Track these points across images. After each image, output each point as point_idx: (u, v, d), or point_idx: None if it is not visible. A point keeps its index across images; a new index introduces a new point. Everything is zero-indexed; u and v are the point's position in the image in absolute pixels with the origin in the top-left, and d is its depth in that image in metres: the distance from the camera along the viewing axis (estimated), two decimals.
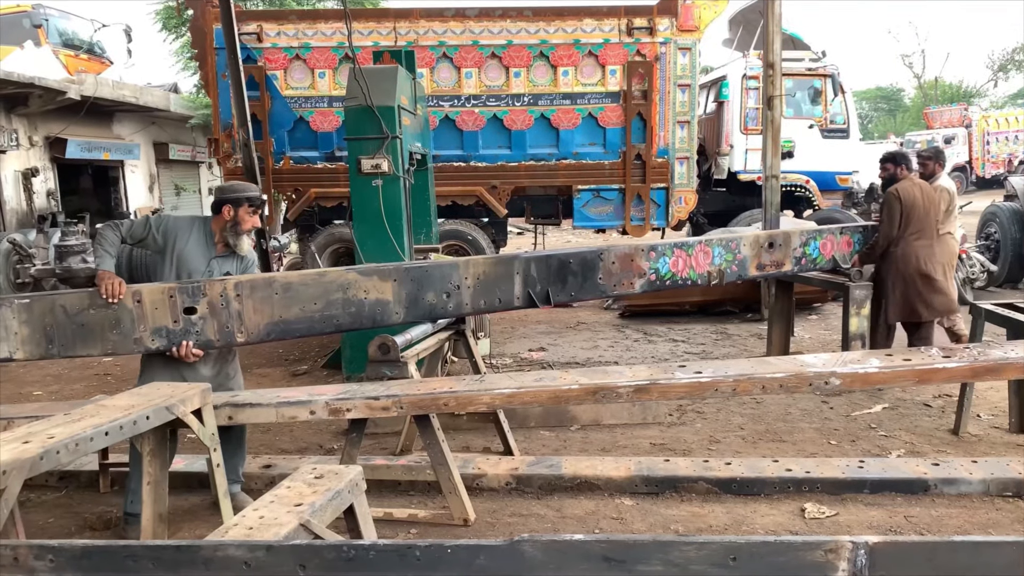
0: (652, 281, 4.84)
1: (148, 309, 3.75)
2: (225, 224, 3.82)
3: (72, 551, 1.59)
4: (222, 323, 3.85)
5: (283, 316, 3.97)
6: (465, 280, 4.29)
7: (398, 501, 4.01)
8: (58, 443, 2.55)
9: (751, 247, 5.27)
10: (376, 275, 4.12)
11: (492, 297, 4.38)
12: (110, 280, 3.65)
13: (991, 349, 3.69)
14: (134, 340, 3.76)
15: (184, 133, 17.72)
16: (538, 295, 4.45)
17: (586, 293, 4.72)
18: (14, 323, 3.66)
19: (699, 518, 3.69)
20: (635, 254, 4.77)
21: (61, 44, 15.72)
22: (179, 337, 3.78)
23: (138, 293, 3.74)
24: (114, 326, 3.73)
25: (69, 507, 4.11)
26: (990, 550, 1.42)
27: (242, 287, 3.88)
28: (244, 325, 3.90)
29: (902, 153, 6.00)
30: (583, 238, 15.76)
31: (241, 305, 3.88)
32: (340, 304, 4.06)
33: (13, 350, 3.69)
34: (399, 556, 1.50)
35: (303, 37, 8.53)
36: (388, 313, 4.14)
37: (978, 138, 26.57)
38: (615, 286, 4.73)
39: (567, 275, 4.53)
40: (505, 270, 4.39)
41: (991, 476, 3.83)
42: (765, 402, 5.41)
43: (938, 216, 5.61)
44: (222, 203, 3.80)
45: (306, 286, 4.02)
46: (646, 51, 8.53)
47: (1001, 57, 42.37)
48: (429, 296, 4.21)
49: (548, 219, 10.15)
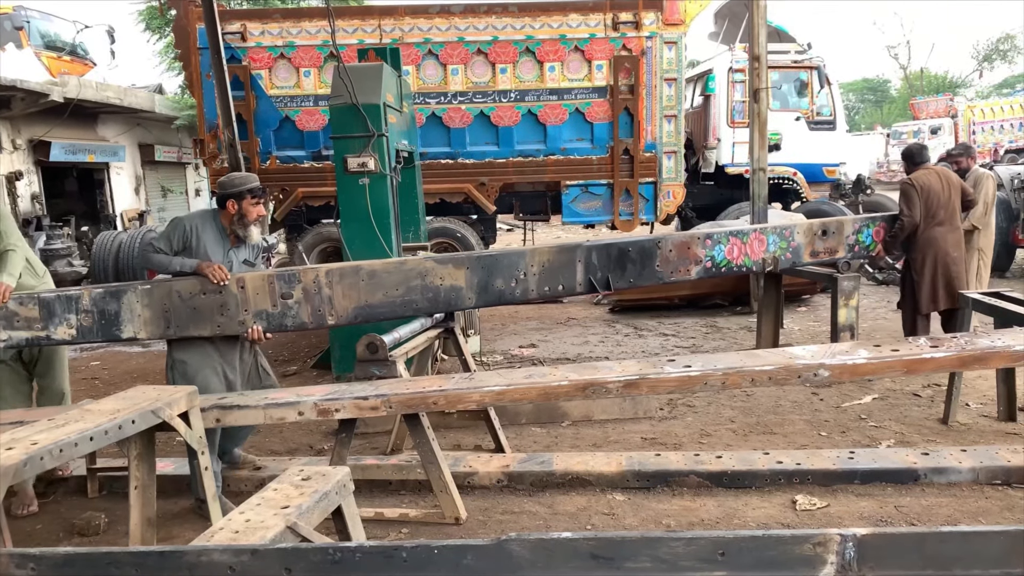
0: (708, 268, 5.07)
1: (251, 294, 4.12)
2: (232, 218, 3.97)
3: (54, 559, 1.56)
4: (315, 307, 4.24)
5: (368, 301, 4.31)
6: (531, 267, 4.54)
7: (389, 501, 4.00)
8: (42, 449, 2.52)
9: (805, 235, 5.45)
10: (451, 263, 4.44)
11: (555, 283, 4.61)
12: (213, 268, 3.93)
13: (978, 338, 3.70)
14: (239, 322, 4.09)
15: (170, 134, 17.61)
16: (599, 281, 4.67)
17: (644, 279, 4.90)
18: (138, 307, 4.04)
19: (691, 512, 3.69)
20: (692, 242, 5.00)
21: (43, 46, 15.56)
22: (278, 320, 4.16)
23: (242, 280, 4.09)
24: (221, 309, 4.06)
25: (57, 513, 4.07)
26: (978, 540, 1.41)
27: (332, 274, 4.25)
28: (334, 308, 4.27)
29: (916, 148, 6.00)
30: (572, 234, 15.75)
31: (332, 291, 4.25)
32: (419, 290, 4.36)
33: (137, 330, 4.06)
34: (385, 557, 1.48)
35: (287, 36, 8.48)
36: (461, 298, 4.44)
37: (964, 128, 26.68)
38: (672, 273, 4.94)
39: (626, 262, 4.76)
40: (568, 258, 4.61)
41: (980, 465, 3.84)
42: (755, 395, 5.42)
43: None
44: (225, 198, 3.94)
45: (388, 273, 4.34)
46: (632, 45, 8.52)
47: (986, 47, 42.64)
48: (498, 282, 4.48)
49: (537, 215, 10.13)
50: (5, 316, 3.96)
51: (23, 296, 4.00)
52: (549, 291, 4.66)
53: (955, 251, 5.57)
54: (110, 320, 4.05)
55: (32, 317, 3.99)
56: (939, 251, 5.52)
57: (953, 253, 5.55)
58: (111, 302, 4.04)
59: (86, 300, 4.03)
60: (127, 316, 4.05)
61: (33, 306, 4.00)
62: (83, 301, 4.02)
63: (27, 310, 3.99)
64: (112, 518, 3.87)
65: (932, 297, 5.55)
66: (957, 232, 5.63)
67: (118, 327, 4.06)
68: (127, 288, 4.04)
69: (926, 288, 5.56)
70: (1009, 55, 42.49)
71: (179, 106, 16.40)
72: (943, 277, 5.51)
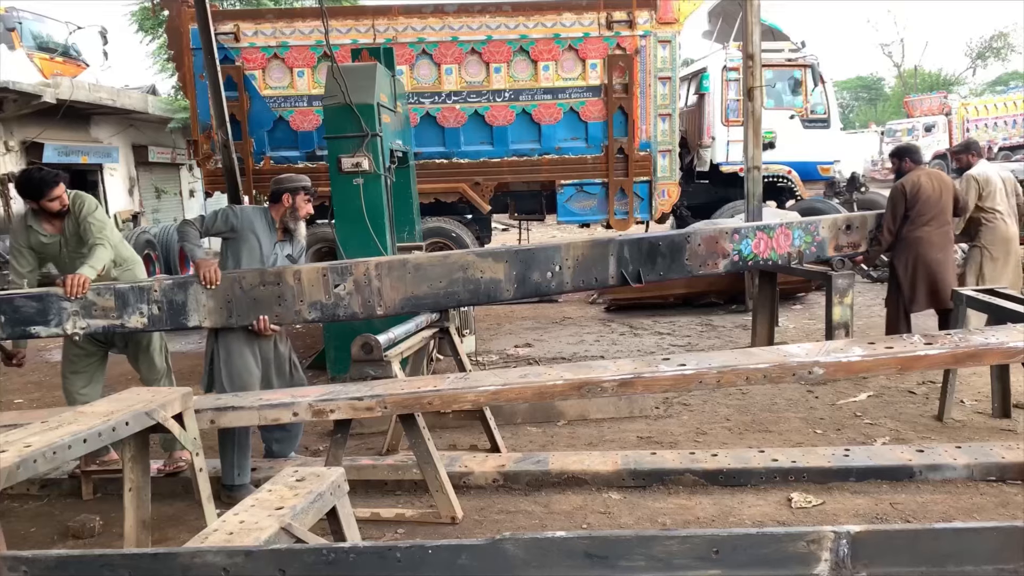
0: (735, 262, 5.20)
1: (306, 286, 4.32)
2: (284, 211, 4.21)
3: (46, 562, 1.56)
4: (365, 298, 4.41)
5: (414, 292, 4.48)
6: (566, 261, 4.70)
7: (385, 501, 3.99)
8: (35, 452, 2.51)
9: (829, 229, 5.59)
10: (491, 257, 4.61)
11: (589, 276, 4.78)
12: (207, 267, 4.12)
13: (972, 335, 3.71)
14: (295, 312, 4.33)
15: (163, 135, 17.56)
16: (630, 274, 4.81)
17: (674, 273, 5.05)
18: (203, 297, 4.20)
19: (686, 510, 3.69)
20: (720, 236, 5.12)
21: (36, 47, 15.50)
22: (331, 311, 4.36)
23: (298, 272, 4.31)
24: (279, 300, 4.28)
25: (51, 516, 4.05)
26: (971, 536, 1.42)
27: (382, 267, 4.44)
28: (383, 300, 4.44)
29: (906, 147, 6.05)
30: (567, 233, 15.75)
31: (381, 283, 4.43)
32: (461, 282, 4.53)
33: (202, 319, 4.22)
34: (380, 558, 1.48)
35: (281, 36, 8.47)
36: (500, 290, 4.60)
37: (958, 125, 26.79)
38: (700, 266, 5.09)
39: (656, 256, 4.90)
40: (601, 251, 4.76)
41: (975, 461, 3.85)
42: (751, 393, 5.43)
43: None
44: (282, 192, 4.18)
45: (433, 266, 4.52)
46: (626, 44, 8.52)
47: (979, 45, 42.81)
48: (535, 275, 4.64)
49: (532, 215, 10.13)
50: (84, 305, 4.14)
51: (101, 287, 4.17)
52: (583, 284, 4.82)
53: (940, 252, 5.53)
54: (177, 309, 4.23)
55: (108, 307, 4.18)
56: (922, 252, 5.49)
57: (938, 255, 5.51)
58: (179, 293, 4.22)
59: (156, 291, 4.21)
60: (193, 306, 4.22)
61: (109, 296, 4.18)
62: (154, 292, 4.21)
63: (104, 300, 4.17)
64: (107, 521, 3.86)
65: (913, 297, 5.56)
66: (945, 233, 5.60)
67: (185, 316, 4.23)
68: (193, 280, 4.20)
69: (907, 288, 5.56)
70: (1003, 52, 42.70)
71: (173, 107, 16.36)
72: (926, 278, 5.49)
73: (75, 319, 4.14)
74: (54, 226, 4.21)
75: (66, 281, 4.04)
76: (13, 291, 4.15)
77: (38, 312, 4.10)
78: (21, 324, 4.11)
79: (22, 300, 4.09)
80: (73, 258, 4.23)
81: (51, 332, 4.15)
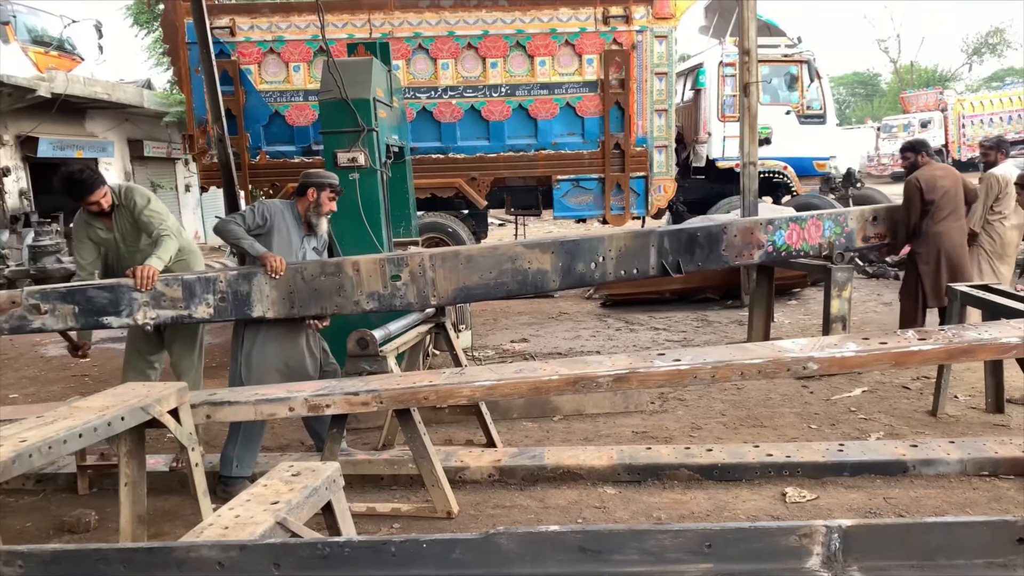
0: (769, 252, 5.33)
1: (364, 276, 4.45)
2: (309, 205, 4.26)
3: (42, 556, 1.56)
4: (420, 288, 4.52)
5: (466, 283, 4.60)
6: (609, 252, 4.81)
7: (381, 495, 4.00)
8: (30, 446, 2.51)
9: (857, 220, 5.71)
10: (538, 248, 4.72)
11: (631, 267, 4.90)
12: (274, 259, 4.18)
13: (966, 331, 3.72)
14: (354, 302, 4.44)
15: (159, 130, 17.51)
16: (670, 265, 4.95)
17: (711, 263, 5.22)
18: (267, 288, 4.27)
19: (681, 505, 3.70)
20: (755, 227, 5.26)
21: (30, 41, 15.43)
22: (388, 300, 4.46)
23: (357, 263, 4.44)
24: (339, 291, 4.40)
25: (47, 510, 4.05)
26: (963, 530, 1.43)
27: (436, 258, 4.55)
28: (436, 290, 4.55)
29: (920, 141, 6.11)
30: (564, 228, 15.74)
31: (435, 273, 4.54)
32: (510, 273, 4.64)
33: (266, 309, 4.28)
34: (374, 552, 1.48)
35: (277, 30, 8.45)
36: (547, 281, 4.72)
37: (954, 121, 26.82)
38: (736, 257, 5.25)
39: (695, 247, 5.04)
40: (642, 243, 4.91)
41: (968, 456, 3.87)
42: (746, 388, 5.44)
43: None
44: (308, 186, 4.24)
45: (484, 257, 4.65)
46: (622, 40, 8.52)
47: (975, 41, 42.83)
48: (579, 266, 4.75)
49: (528, 210, 10.14)
50: (153, 296, 4.21)
51: (168, 278, 4.26)
52: (624, 274, 4.92)
53: (960, 246, 5.64)
54: (242, 300, 4.27)
55: (176, 297, 4.25)
56: (946, 246, 5.57)
57: (959, 249, 5.62)
58: (243, 284, 4.27)
59: (222, 282, 4.25)
60: (257, 296, 4.27)
61: (177, 287, 4.25)
62: (219, 283, 4.26)
63: (172, 291, 4.25)
64: (103, 515, 3.86)
65: (936, 292, 5.58)
66: (961, 227, 5.69)
67: (249, 306, 4.27)
68: (258, 271, 4.25)
69: (930, 283, 5.60)
70: (999, 48, 42.71)
71: (168, 102, 16.31)
72: (949, 272, 5.55)
73: (145, 309, 4.21)
74: (105, 222, 4.29)
75: (135, 273, 4.11)
76: (86, 282, 4.22)
77: (110, 303, 4.17)
78: (94, 314, 4.17)
79: (95, 291, 4.17)
80: (132, 252, 4.32)
81: (122, 322, 4.22)
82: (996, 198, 5.96)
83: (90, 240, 4.30)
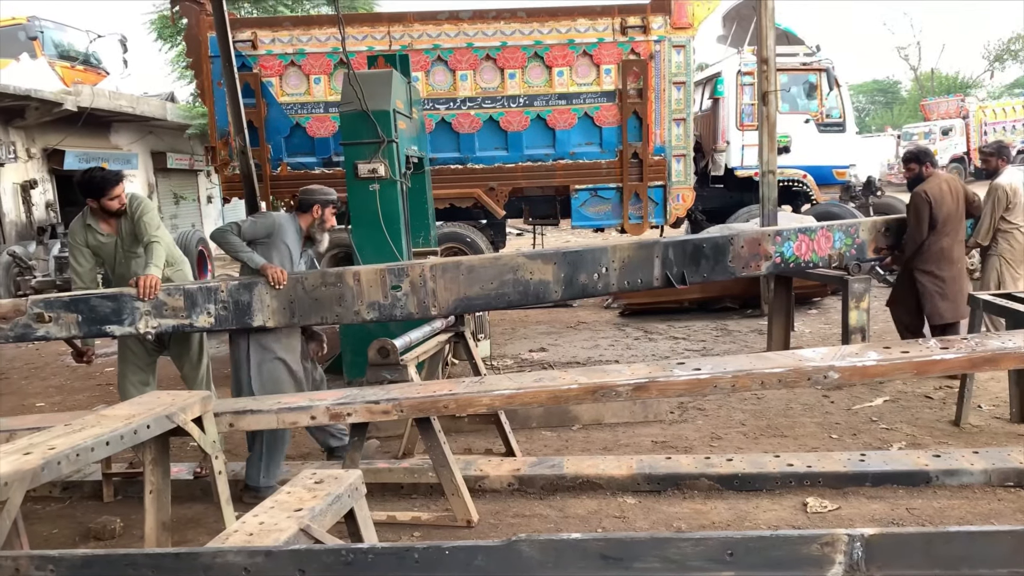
0: (777, 264, 5.25)
1: (365, 286, 4.46)
2: (313, 221, 4.36)
3: (72, 560, 1.59)
4: (420, 299, 4.51)
5: (466, 293, 4.57)
6: (612, 263, 4.77)
7: (401, 504, 4.02)
8: (59, 454, 2.55)
9: (869, 231, 5.66)
10: (540, 259, 4.69)
11: (635, 278, 4.85)
12: (275, 270, 4.22)
13: (989, 339, 3.69)
14: (354, 312, 4.46)
15: (181, 142, 17.74)
16: (675, 276, 4.89)
17: (717, 274, 5.12)
18: (267, 297, 4.29)
19: (701, 515, 3.69)
20: (762, 238, 5.20)
21: (57, 56, 15.73)
22: (388, 311, 4.48)
23: (357, 274, 4.46)
24: (339, 300, 4.42)
25: (73, 517, 4.11)
26: (986, 540, 1.42)
27: (436, 269, 4.54)
28: (437, 300, 4.53)
29: (924, 150, 5.96)
30: (582, 238, 15.75)
31: (435, 284, 4.52)
32: (511, 284, 4.62)
33: (267, 319, 4.30)
34: (398, 559, 1.50)
35: (297, 43, 8.55)
36: (549, 291, 4.69)
37: (975, 129, 26.56)
38: (743, 268, 5.15)
39: (700, 258, 4.98)
40: (646, 254, 4.85)
41: (992, 467, 3.83)
42: (766, 397, 5.42)
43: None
44: (313, 203, 4.33)
45: (484, 268, 4.62)
46: (640, 49, 8.53)
47: (997, 47, 42.40)
48: (582, 277, 4.71)
49: (546, 219, 10.15)
50: (155, 306, 4.25)
51: (171, 287, 4.30)
52: (628, 285, 4.87)
53: (959, 263, 5.60)
54: (243, 309, 4.29)
55: (178, 307, 4.28)
56: (950, 263, 5.51)
57: (959, 265, 5.57)
58: (244, 293, 4.29)
59: (223, 291, 4.28)
60: (258, 306, 4.29)
61: (179, 296, 4.29)
62: (221, 292, 4.29)
63: (174, 300, 4.28)
64: (127, 523, 3.91)
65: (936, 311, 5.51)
66: (960, 243, 5.64)
67: (250, 316, 4.29)
68: (258, 281, 4.29)
69: (933, 300, 5.51)
70: (1021, 55, 42.25)
71: (191, 114, 16.52)
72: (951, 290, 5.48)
73: (147, 318, 4.25)
74: (111, 226, 4.35)
75: (138, 283, 4.15)
76: (89, 291, 4.27)
77: (113, 312, 4.21)
78: (97, 323, 4.22)
79: (98, 300, 4.21)
80: (128, 258, 4.38)
81: (124, 331, 4.25)
82: (1006, 208, 5.85)
83: (87, 247, 4.35)
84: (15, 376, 7.90)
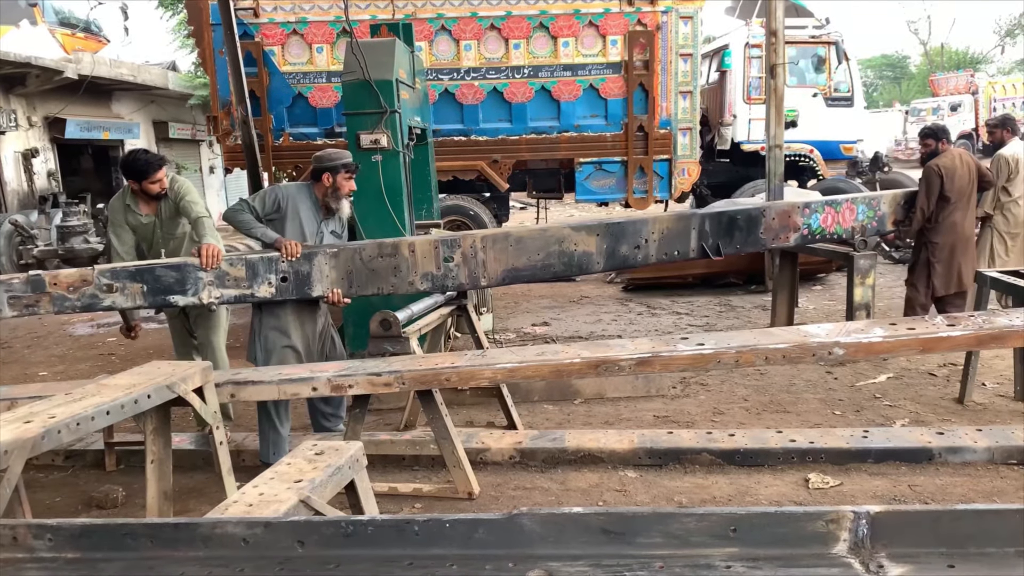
0: (805, 235, 5.34)
1: (419, 258, 4.53)
2: (326, 190, 4.24)
3: (71, 529, 1.58)
4: (471, 270, 4.59)
5: (514, 264, 4.66)
6: (652, 235, 4.84)
7: (403, 476, 4.03)
8: (59, 422, 2.55)
9: (890, 204, 5.73)
10: (584, 230, 4.75)
11: (672, 249, 4.93)
12: (289, 243, 4.18)
13: (996, 317, 3.66)
14: (408, 282, 4.53)
15: (184, 111, 17.63)
16: (710, 247, 4.97)
17: (749, 246, 5.27)
18: (326, 268, 4.35)
19: (703, 489, 3.69)
20: (792, 211, 5.28)
21: (57, 23, 15.58)
22: (440, 281, 4.54)
23: (412, 245, 4.53)
24: (394, 271, 4.50)
25: (75, 486, 4.13)
26: (993, 518, 1.40)
27: (487, 240, 4.62)
28: (487, 271, 4.61)
29: (942, 127, 6.01)
30: (586, 212, 15.68)
31: (486, 255, 4.60)
32: (556, 255, 4.70)
33: (325, 289, 4.34)
34: (398, 531, 1.48)
35: (300, 12, 8.43)
36: (591, 262, 4.77)
37: (984, 105, 26.28)
38: (773, 239, 5.26)
39: (734, 230, 5.07)
40: (684, 225, 4.92)
41: (996, 444, 3.82)
42: (769, 373, 5.40)
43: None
44: (321, 171, 4.21)
45: (532, 239, 4.69)
46: (647, 20, 8.40)
47: (1008, 22, 41.80)
48: (623, 248, 4.79)
49: (550, 193, 10.08)
50: (218, 276, 4.27)
51: (233, 258, 4.32)
52: (666, 256, 4.96)
53: (971, 237, 5.66)
54: (303, 280, 4.31)
55: (240, 277, 4.28)
56: (960, 236, 5.53)
57: (971, 239, 5.63)
58: (304, 264, 4.30)
59: (284, 262, 4.28)
60: (317, 276, 4.32)
61: (241, 267, 4.29)
62: (281, 263, 4.29)
63: (236, 271, 4.29)
64: (129, 492, 3.93)
65: (947, 282, 5.55)
66: (972, 217, 5.70)
67: (309, 286, 4.32)
68: (318, 251, 4.31)
69: (942, 272, 5.55)
70: None
71: (193, 83, 16.39)
72: (962, 261, 5.50)
73: (210, 288, 4.27)
74: (150, 207, 4.38)
75: (201, 252, 4.17)
76: (155, 261, 4.30)
77: (177, 282, 4.24)
78: (161, 293, 4.24)
79: (162, 270, 4.24)
80: (166, 239, 4.43)
81: (188, 301, 4.27)
82: (1008, 178, 5.89)
83: (127, 224, 4.38)
84: (18, 345, 7.92)
